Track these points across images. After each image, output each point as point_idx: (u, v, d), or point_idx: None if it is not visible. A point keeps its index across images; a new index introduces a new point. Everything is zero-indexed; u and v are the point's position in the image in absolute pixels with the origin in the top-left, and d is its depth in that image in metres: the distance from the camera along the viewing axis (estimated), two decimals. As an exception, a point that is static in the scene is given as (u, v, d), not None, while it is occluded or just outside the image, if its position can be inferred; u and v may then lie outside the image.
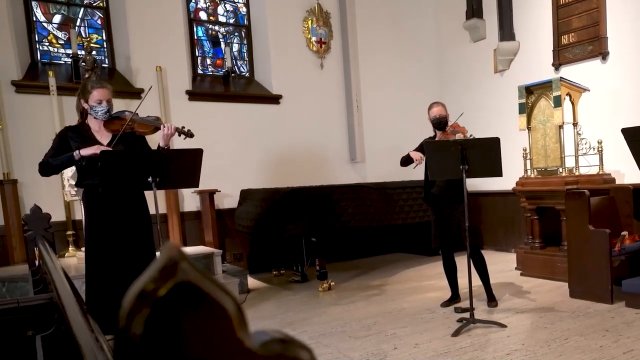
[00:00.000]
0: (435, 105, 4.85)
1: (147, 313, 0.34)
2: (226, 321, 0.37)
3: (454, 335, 4.01)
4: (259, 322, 4.61)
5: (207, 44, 7.42)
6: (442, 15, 8.62)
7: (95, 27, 6.69)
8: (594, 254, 4.79)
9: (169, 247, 0.36)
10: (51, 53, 6.42)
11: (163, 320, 0.34)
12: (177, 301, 0.35)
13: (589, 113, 6.33)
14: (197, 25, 7.32)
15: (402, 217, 6.67)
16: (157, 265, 0.35)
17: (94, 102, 3.65)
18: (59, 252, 5.64)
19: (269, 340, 0.39)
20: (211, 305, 0.36)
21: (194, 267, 0.36)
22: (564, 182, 5.59)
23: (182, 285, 0.35)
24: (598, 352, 3.53)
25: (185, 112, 6.62)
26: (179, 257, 0.36)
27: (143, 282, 0.34)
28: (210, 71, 7.40)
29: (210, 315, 0.36)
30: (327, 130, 7.86)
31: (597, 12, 6.40)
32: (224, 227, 6.86)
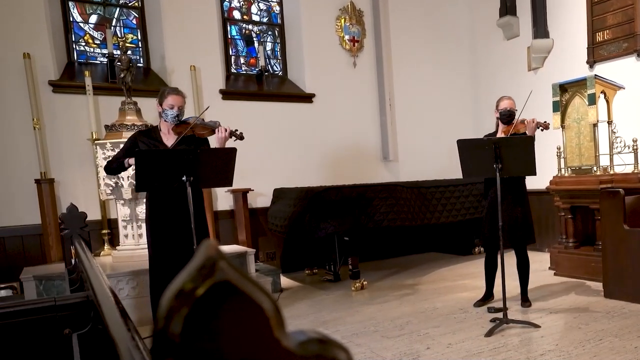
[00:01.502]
0: (507, 98, 4.82)
1: (186, 312, 0.34)
2: (264, 321, 0.37)
3: (487, 335, 3.99)
4: (292, 322, 4.63)
5: (240, 43, 7.48)
6: (475, 12, 8.55)
7: (131, 27, 6.80)
8: (629, 253, 4.71)
9: (208, 246, 0.36)
10: (87, 53, 6.54)
11: (201, 319, 0.34)
12: (216, 300, 0.35)
13: (623, 111, 6.20)
14: (231, 25, 7.39)
15: (436, 217, 6.64)
16: (195, 265, 0.35)
17: (167, 106, 3.95)
18: (95, 251, 5.74)
19: (306, 340, 0.39)
20: (249, 305, 0.36)
21: (232, 266, 0.36)
22: (598, 181, 5.51)
23: (221, 285, 0.35)
24: (633, 353, 3.47)
25: (219, 111, 6.59)
26: (217, 256, 0.36)
27: (182, 281, 0.35)
28: (243, 70, 7.46)
29: (248, 315, 0.36)
30: (360, 129, 7.86)
31: (632, 9, 6.29)
32: (257, 226, 6.92)
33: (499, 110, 4.78)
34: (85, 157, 5.98)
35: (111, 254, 5.68)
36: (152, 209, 3.94)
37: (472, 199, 6.83)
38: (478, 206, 6.82)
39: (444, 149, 7.85)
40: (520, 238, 4.67)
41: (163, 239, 3.86)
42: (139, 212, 5.37)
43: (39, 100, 5.82)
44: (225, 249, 5.80)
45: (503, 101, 4.79)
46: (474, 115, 8.64)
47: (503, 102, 4.78)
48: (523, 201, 4.69)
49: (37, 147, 5.75)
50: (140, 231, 5.37)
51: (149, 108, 5.74)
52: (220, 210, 6.80)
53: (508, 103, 4.75)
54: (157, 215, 3.91)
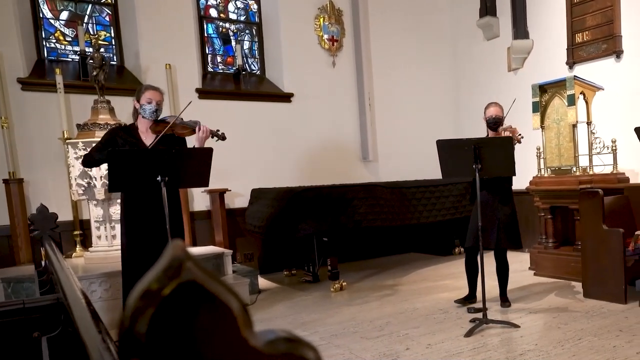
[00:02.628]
0: (493, 105, 4.86)
1: (152, 312, 0.35)
2: (231, 320, 0.37)
3: (467, 335, 4.03)
4: (271, 323, 4.64)
5: (217, 42, 7.46)
6: (455, 12, 8.64)
7: (104, 24, 6.73)
8: (608, 253, 4.80)
9: (174, 247, 0.37)
10: (58, 50, 6.45)
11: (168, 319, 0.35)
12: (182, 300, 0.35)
13: (603, 112, 6.33)
14: (208, 23, 7.36)
15: (416, 217, 6.69)
16: (161, 265, 0.36)
17: (145, 101, 3.92)
18: (66, 253, 5.64)
19: (274, 339, 0.40)
20: (216, 305, 0.37)
21: (199, 266, 0.37)
22: (577, 181, 5.61)
23: (187, 285, 0.36)
24: (611, 353, 3.54)
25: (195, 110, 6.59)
26: (184, 256, 0.36)
27: (148, 282, 0.35)
28: (220, 69, 7.45)
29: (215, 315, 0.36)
30: (339, 129, 7.89)
31: (611, 10, 6.42)
32: (234, 227, 6.90)
33: (486, 118, 4.85)
34: (56, 157, 5.91)
35: (83, 255, 5.61)
36: (128, 210, 3.91)
37: (452, 199, 6.90)
38: (459, 206, 6.91)
39: (424, 149, 7.88)
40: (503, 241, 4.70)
41: (138, 241, 3.84)
42: (112, 212, 5.32)
43: (7, 98, 5.74)
44: (202, 250, 5.80)
45: (489, 108, 4.85)
46: (454, 116, 8.75)
47: (489, 109, 4.84)
48: (509, 204, 4.75)
49: (5, 147, 5.66)
50: (113, 232, 5.33)
51: (123, 107, 5.70)
52: (197, 211, 6.77)
53: (494, 110, 4.81)
54: (132, 216, 3.88)
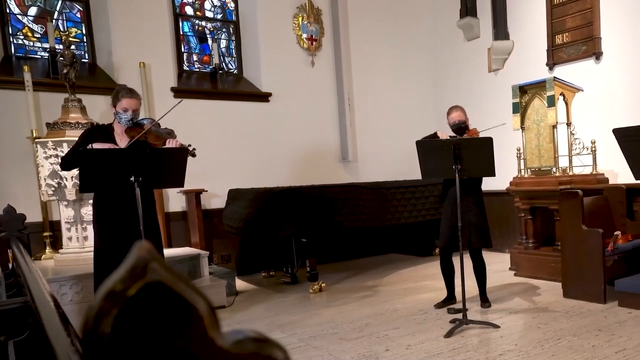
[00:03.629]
0: (455, 109, 4.87)
1: (116, 313, 0.35)
2: (198, 321, 0.38)
3: (447, 336, 4.08)
4: (249, 325, 4.64)
5: (193, 40, 7.44)
6: (436, 13, 8.72)
7: (75, 21, 6.65)
8: (587, 253, 4.89)
9: (139, 248, 0.37)
10: (26, 47, 6.37)
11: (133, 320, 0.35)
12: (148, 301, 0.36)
13: (582, 113, 6.44)
14: (183, 21, 7.33)
15: (396, 218, 6.74)
16: (126, 266, 0.36)
17: (121, 109, 3.88)
18: (35, 255, 5.59)
19: (242, 339, 0.41)
20: (182, 305, 0.37)
21: (165, 267, 0.37)
22: (557, 182, 5.70)
23: (153, 286, 0.36)
24: (590, 352, 3.60)
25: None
26: (149, 257, 0.37)
27: (112, 282, 0.36)
28: (196, 68, 7.42)
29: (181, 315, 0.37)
30: (318, 129, 7.92)
31: (590, 12, 6.56)
32: (211, 228, 6.88)
33: (449, 123, 4.88)
34: (24, 156, 5.83)
35: (53, 257, 5.54)
36: (100, 211, 3.88)
37: (432, 199, 6.97)
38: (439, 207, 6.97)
39: (404, 150, 7.92)
40: (476, 241, 4.79)
41: (111, 242, 3.80)
42: (83, 213, 5.28)
43: (-29, 96, 5.66)
44: (177, 252, 5.78)
45: (452, 114, 4.86)
46: (435, 116, 8.81)
47: (452, 114, 4.86)
48: (480, 204, 4.83)
49: (-30, 145, 5.60)
50: (85, 234, 5.28)
51: (95, 105, 5.67)
52: (172, 212, 6.74)
53: (457, 116, 4.82)
54: (105, 217, 3.85)
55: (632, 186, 5.40)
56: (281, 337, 4.27)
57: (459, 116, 4.84)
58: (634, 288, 4.59)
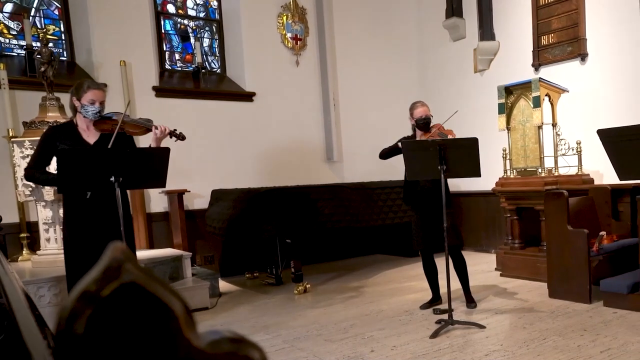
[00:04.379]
0: (420, 104, 4.91)
1: (89, 313, 0.35)
2: (173, 321, 0.38)
3: (432, 337, 4.11)
4: (232, 327, 4.60)
5: (175, 38, 7.41)
6: (422, 13, 8.77)
7: (52, 18, 6.60)
8: (572, 254, 4.95)
9: (114, 249, 0.37)
10: (2, 44, 6.30)
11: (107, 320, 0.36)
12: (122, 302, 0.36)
13: (568, 114, 6.52)
14: (165, 19, 7.31)
15: (382, 218, 6.78)
16: (100, 267, 0.37)
17: (87, 102, 3.76)
18: (12, 256, 5.56)
19: (218, 339, 0.41)
20: (157, 306, 0.37)
21: (139, 268, 0.38)
22: (543, 182, 5.77)
23: (127, 286, 0.36)
24: (576, 352, 3.65)
25: (152, 108, 6.50)
26: (123, 258, 0.37)
27: (86, 283, 0.36)
28: (179, 67, 7.40)
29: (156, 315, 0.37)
30: (303, 129, 7.94)
31: (576, 14, 6.65)
32: (194, 229, 6.87)
33: (415, 118, 4.90)
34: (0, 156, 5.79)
35: (31, 259, 5.49)
36: (72, 212, 3.78)
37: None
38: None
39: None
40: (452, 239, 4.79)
41: (83, 244, 3.72)
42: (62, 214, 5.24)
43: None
44: (159, 253, 5.77)
45: (417, 109, 4.90)
46: (420, 116, 8.90)
47: (418, 109, 4.89)
48: (450, 205, 4.88)
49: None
50: (64, 235, 5.25)
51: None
52: (154, 212, 6.72)
53: (423, 111, 4.87)
54: (78, 218, 3.76)
55: (617, 187, 5.47)
56: (265, 339, 4.28)
57: (425, 111, 4.89)
58: (619, 288, 4.65)
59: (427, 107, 4.93)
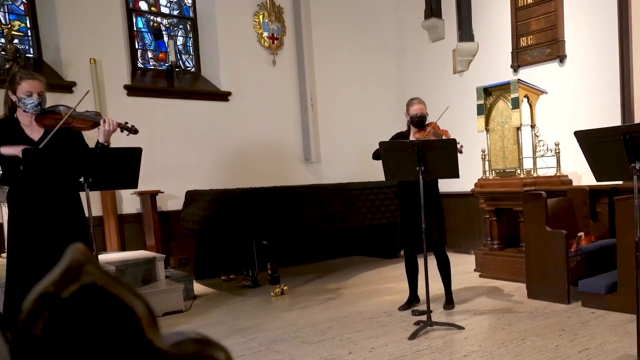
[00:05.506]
0: (417, 102, 4.96)
1: (48, 315, 0.35)
2: (135, 322, 0.38)
3: (411, 338, 4.15)
4: (207, 330, 4.61)
5: (148, 36, 7.36)
6: (400, 13, 8.86)
7: (18, 14, 6.48)
8: (551, 254, 5.04)
9: (74, 250, 0.37)
10: (-37, 41, 6.17)
11: (67, 321, 0.36)
12: (82, 303, 0.36)
13: (546, 115, 6.64)
14: (137, 16, 7.25)
15: (360, 219, 6.82)
16: (60, 268, 0.37)
17: (23, 94, 3.61)
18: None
19: (182, 340, 0.41)
20: (119, 307, 0.38)
21: (101, 269, 0.38)
22: (522, 183, 5.86)
23: (88, 288, 0.37)
24: (554, 352, 3.72)
25: (124, 108, 6.50)
26: (84, 259, 0.37)
27: (45, 285, 0.36)
28: (152, 65, 7.35)
29: (117, 317, 0.38)
30: (280, 130, 7.95)
31: (555, 16, 6.78)
32: (168, 231, 6.85)
33: (410, 115, 4.97)
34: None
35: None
36: (18, 217, 3.66)
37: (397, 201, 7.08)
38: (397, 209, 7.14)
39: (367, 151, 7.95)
40: (436, 241, 4.94)
41: (28, 249, 3.58)
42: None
43: None
44: (132, 255, 5.74)
45: (414, 105, 4.96)
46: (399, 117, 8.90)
47: (414, 107, 4.95)
48: (437, 205, 4.96)
49: None
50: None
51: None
52: (126, 214, 6.67)
53: (419, 108, 4.93)
54: (23, 223, 3.64)
55: (595, 188, 5.57)
56: (241, 342, 4.29)
57: (420, 109, 4.95)
58: (597, 288, 4.75)
59: (424, 105, 4.99)
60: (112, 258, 5.58)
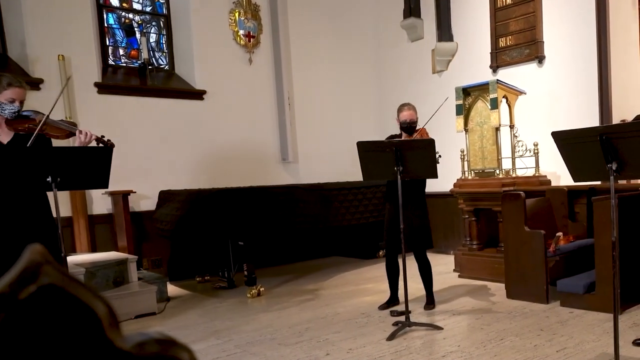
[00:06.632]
0: (407, 108, 5.04)
1: (3, 317, 0.35)
2: (95, 322, 0.38)
3: (389, 339, 4.19)
4: (181, 332, 4.56)
5: (119, 33, 7.30)
6: (379, 13, 8.93)
7: (-20, 9, 6.35)
8: (530, 254, 5.13)
9: (32, 251, 0.37)
10: None
11: (23, 323, 0.36)
12: (40, 304, 0.36)
13: (525, 116, 6.74)
14: (108, 12, 7.18)
15: (339, 220, 6.86)
16: (17, 269, 0.36)
17: (5, 100, 3.62)
18: None
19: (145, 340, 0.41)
20: (79, 307, 0.37)
21: (59, 270, 0.38)
22: (501, 183, 5.94)
23: (46, 288, 0.36)
24: (532, 351, 3.78)
25: (95, 106, 6.48)
26: (42, 260, 0.37)
27: (0, 286, 0.36)
28: (123, 62, 7.29)
29: (77, 317, 0.37)
30: (256, 129, 7.96)
31: (533, 17, 6.91)
32: (140, 231, 6.82)
33: (400, 121, 5.05)
34: None
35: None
36: None
37: (375, 201, 7.14)
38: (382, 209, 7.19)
39: (345, 151, 8.05)
40: (418, 243, 5.00)
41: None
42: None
43: None
44: (102, 256, 5.70)
45: (403, 112, 5.04)
46: (378, 116, 9.01)
47: (403, 112, 5.03)
48: (422, 206, 5.02)
49: None
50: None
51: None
52: (97, 214, 6.61)
53: (408, 115, 5.01)
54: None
55: (573, 188, 5.68)
56: (216, 344, 4.28)
57: (410, 115, 5.02)
58: (575, 288, 4.84)
59: (415, 111, 5.07)
60: (82, 259, 5.54)
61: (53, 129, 3.78)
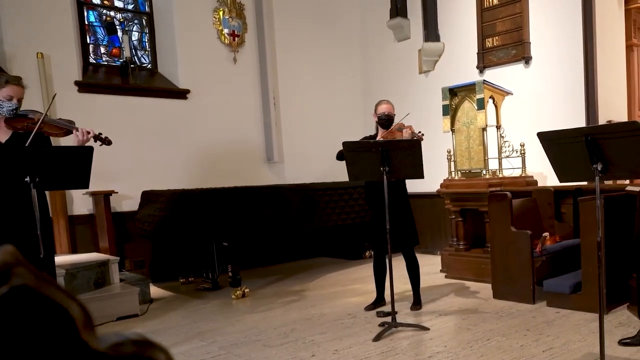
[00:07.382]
0: (385, 102, 5.12)
1: None
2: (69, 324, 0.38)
3: (375, 340, 4.21)
4: (163, 334, 4.58)
5: (100, 31, 7.25)
6: (365, 12, 8.96)
7: (-45, 4, 6.31)
8: (516, 255, 5.18)
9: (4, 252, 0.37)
10: None
11: None
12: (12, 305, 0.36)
13: (512, 116, 6.79)
14: (89, 9, 7.13)
15: (324, 220, 6.88)
16: None
17: (3, 97, 3.68)
18: None
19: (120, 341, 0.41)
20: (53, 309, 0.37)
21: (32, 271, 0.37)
22: (487, 184, 6.01)
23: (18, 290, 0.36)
24: (519, 352, 3.82)
25: (75, 105, 6.41)
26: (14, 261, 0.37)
27: None
28: (104, 61, 7.24)
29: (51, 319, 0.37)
30: (241, 129, 7.95)
31: (520, 17, 6.97)
32: (123, 232, 6.79)
33: (378, 114, 5.10)
34: None
35: None
36: None
37: (362, 202, 7.14)
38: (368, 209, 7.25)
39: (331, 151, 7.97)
40: (406, 241, 5.04)
41: None
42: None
43: None
44: (83, 258, 5.68)
45: (381, 105, 5.11)
46: (364, 116, 9.01)
47: (381, 106, 5.10)
48: (406, 205, 5.06)
49: None
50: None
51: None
52: (77, 215, 6.57)
53: (386, 107, 5.08)
54: None
55: (560, 188, 5.72)
56: (200, 346, 4.27)
57: (388, 108, 5.09)
58: (562, 288, 4.90)
59: (392, 106, 5.14)
60: (62, 261, 5.50)
61: (51, 127, 3.84)
